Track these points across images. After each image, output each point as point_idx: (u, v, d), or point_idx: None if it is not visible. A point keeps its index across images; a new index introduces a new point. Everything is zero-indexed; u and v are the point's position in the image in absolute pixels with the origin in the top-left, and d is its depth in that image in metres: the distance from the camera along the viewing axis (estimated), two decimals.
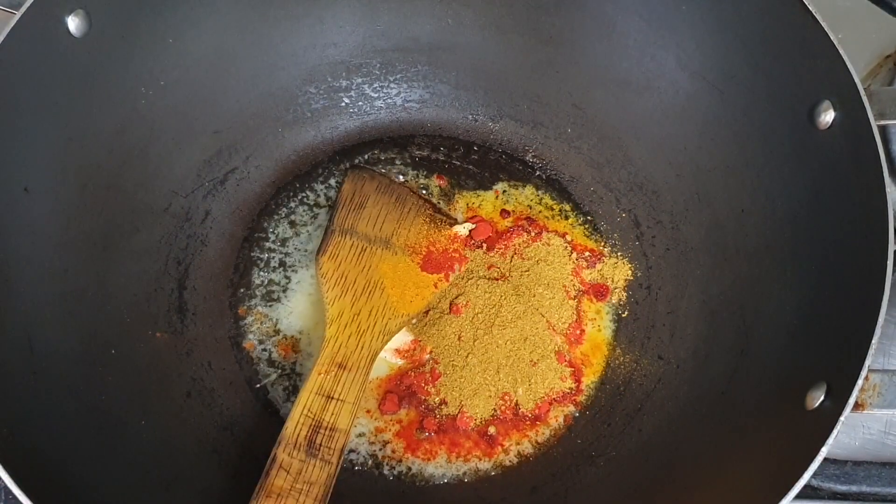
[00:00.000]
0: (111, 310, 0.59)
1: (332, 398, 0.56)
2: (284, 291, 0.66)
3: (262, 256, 0.67)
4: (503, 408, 0.63)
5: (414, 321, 0.64)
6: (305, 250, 0.67)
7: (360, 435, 0.62)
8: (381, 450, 0.62)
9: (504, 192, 0.71)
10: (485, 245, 0.67)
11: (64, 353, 0.54)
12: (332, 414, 0.56)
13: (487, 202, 0.70)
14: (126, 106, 0.60)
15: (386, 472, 0.61)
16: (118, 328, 0.59)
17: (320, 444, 0.54)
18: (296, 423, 0.55)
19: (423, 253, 0.65)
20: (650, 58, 0.64)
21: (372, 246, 0.63)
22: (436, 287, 0.64)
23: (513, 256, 0.67)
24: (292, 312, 0.65)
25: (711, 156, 0.63)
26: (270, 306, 0.65)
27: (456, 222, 0.68)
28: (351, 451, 0.61)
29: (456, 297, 0.65)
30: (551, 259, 0.67)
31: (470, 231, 0.67)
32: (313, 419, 0.55)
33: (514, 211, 0.70)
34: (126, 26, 0.57)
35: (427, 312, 0.65)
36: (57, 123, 0.55)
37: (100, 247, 0.59)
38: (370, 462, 0.61)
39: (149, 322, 0.61)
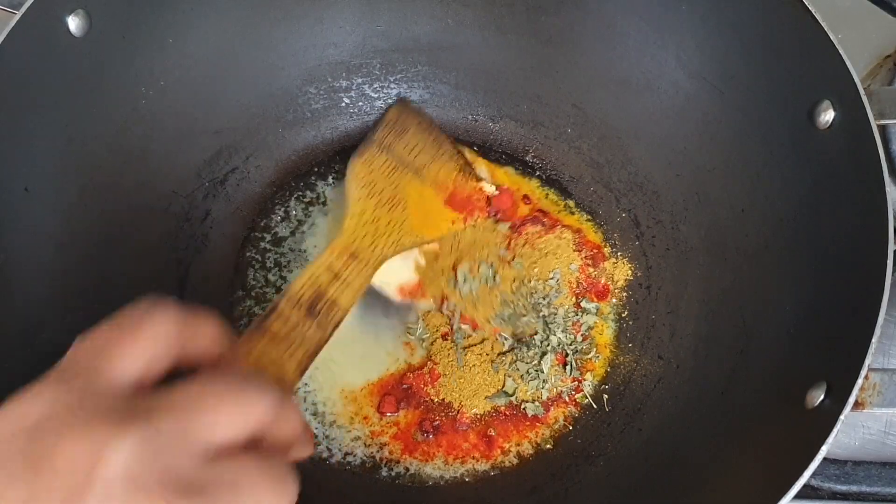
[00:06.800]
0: (111, 310, 0.59)
1: (339, 278, 0.56)
2: (279, 293, 0.66)
3: (257, 257, 0.67)
4: (503, 408, 0.63)
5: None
6: (301, 250, 0.67)
7: (357, 438, 0.62)
8: (378, 451, 0.61)
9: (512, 174, 0.71)
10: (500, 216, 0.68)
11: (63, 353, 0.54)
12: (336, 290, 0.55)
13: (497, 176, 0.71)
14: (126, 106, 0.60)
15: (384, 473, 0.61)
16: None
17: (319, 311, 0.54)
18: (302, 285, 0.54)
19: (449, 191, 0.66)
20: (650, 58, 0.64)
21: (405, 168, 0.65)
22: (453, 224, 0.66)
23: (524, 244, 0.67)
24: None
25: (711, 156, 0.63)
26: (265, 308, 0.65)
27: (482, 181, 0.69)
28: (347, 453, 0.61)
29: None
30: (560, 253, 0.67)
31: (492, 197, 0.68)
32: (318, 288, 0.55)
33: (533, 199, 0.70)
34: (126, 26, 0.57)
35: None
36: (57, 123, 0.55)
37: (100, 247, 0.59)
38: (368, 464, 0.61)
39: None
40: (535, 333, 0.64)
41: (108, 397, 0.33)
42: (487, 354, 0.64)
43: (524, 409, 0.63)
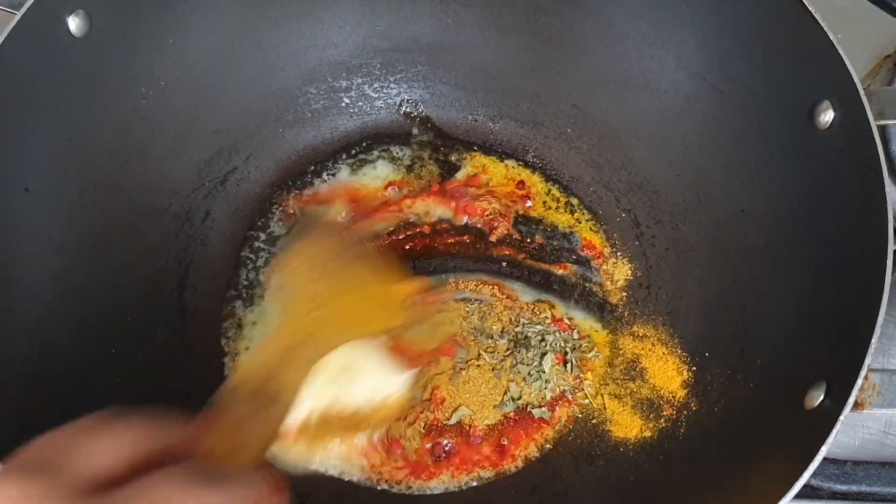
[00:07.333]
0: (111, 310, 0.59)
1: (282, 369, 0.49)
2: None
3: (251, 256, 0.67)
4: (512, 414, 0.63)
5: None
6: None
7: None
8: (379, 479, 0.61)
9: (513, 167, 0.71)
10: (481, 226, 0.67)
11: (64, 353, 0.54)
12: (279, 381, 0.49)
13: (498, 170, 0.71)
14: (126, 106, 0.60)
15: (385, 486, 0.60)
16: (118, 328, 0.59)
17: (265, 400, 0.48)
18: (243, 376, 0.48)
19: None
20: (650, 58, 0.64)
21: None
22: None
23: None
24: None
25: (711, 156, 0.63)
26: (255, 311, 0.65)
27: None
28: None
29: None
30: None
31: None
32: (259, 380, 0.48)
33: (528, 183, 0.70)
34: (126, 26, 0.57)
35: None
36: (57, 123, 0.55)
37: (100, 247, 0.59)
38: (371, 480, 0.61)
39: (149, 322, 0.61)
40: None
41: (71, 491, 0.33)
42: (487, 363, 0.64)
43: (531, 412, 0.63)
